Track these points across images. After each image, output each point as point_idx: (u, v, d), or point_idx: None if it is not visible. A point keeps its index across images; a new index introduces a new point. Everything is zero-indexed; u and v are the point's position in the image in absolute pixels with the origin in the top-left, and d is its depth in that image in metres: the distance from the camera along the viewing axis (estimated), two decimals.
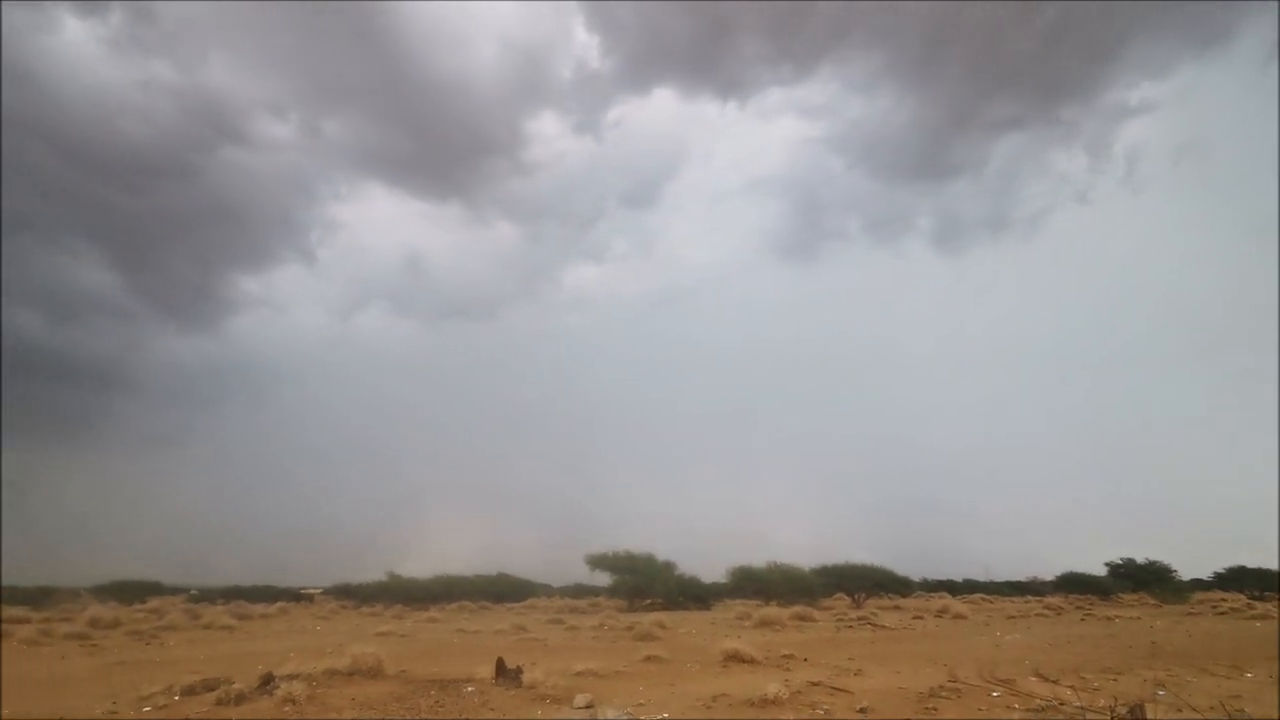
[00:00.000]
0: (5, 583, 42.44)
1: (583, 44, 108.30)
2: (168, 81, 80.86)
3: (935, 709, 7.99)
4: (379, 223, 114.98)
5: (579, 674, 10.28)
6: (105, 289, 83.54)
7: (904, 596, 37.83)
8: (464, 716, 7.76)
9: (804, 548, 54.05)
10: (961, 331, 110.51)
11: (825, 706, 8.10)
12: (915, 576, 43.90)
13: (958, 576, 54.21)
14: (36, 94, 71.63)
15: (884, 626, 20.45)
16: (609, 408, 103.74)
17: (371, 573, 44.45)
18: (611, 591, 36.13)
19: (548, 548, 60.88)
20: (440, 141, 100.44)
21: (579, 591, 46.04)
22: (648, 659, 12.21)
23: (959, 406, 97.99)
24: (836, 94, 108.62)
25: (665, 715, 7.70)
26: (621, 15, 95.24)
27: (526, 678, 9.43)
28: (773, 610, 24.20)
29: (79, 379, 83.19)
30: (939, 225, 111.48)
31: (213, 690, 8.73)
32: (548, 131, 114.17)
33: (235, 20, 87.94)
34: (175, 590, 45.68)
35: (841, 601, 34.54)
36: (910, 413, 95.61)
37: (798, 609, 24.65)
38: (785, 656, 12.56)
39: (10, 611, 25.42)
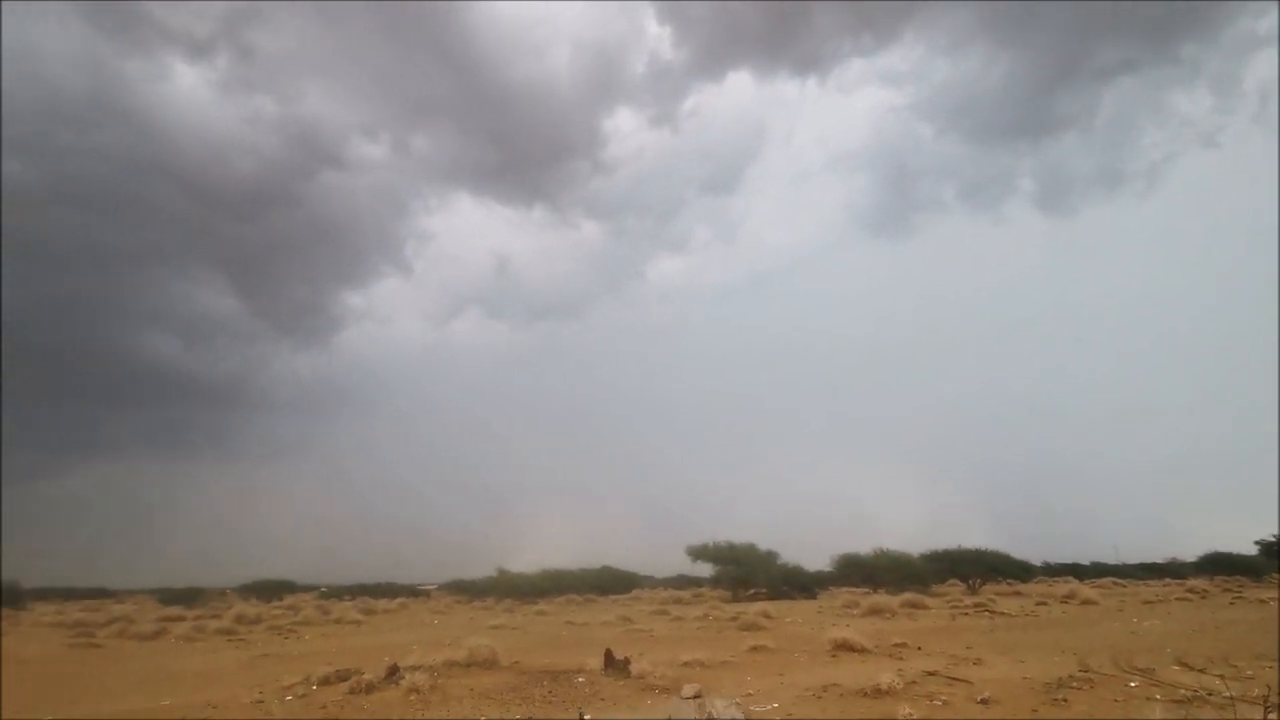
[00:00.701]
0: (160, 584, 47.18)
1: (655, 37, 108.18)
2: (270, 115, 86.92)
3: (1065, 699, 7.52)
4: (468, 231, 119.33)
5: (686, 664, 10.34)
6: (229, 313, 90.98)
7: (1024, 582, 35.81)
8: (576, 706, 7.96)
9: (912, 533, 52.22)
10: (1074, 295, 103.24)
11: (943, 697, 7.79)
12: (1035, 560, 41.49)
13: (1083, 559, 50.88)
14: (158, 138, 78.68)
15: (1003, 613, 19.46)
16: (701, 398, 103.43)
17: (481, 569, 46.41)
18: (714, 582, 36.16)
19: (649, 540, 61.62)
20: (522, 148, 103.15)
21: (681, 582, 46.33)
22: (754, 649, 12.14)
23: (1077, 377, 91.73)
24: (922, 58, 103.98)
25: (775, 705, 7.63)
26: (692, 5, 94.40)
27: (635, 668, 9.57)
28: (881, 598, 23.52)
29: (212, 397, 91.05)
30: (1044, 185, 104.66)
31: (345, 680, 9.33)
32: (625, 128, 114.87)
33: (326, 51, 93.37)
34: (307, 588, 49.26)
35: (955, 588, 33.12)
36: (1023, 388, 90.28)
37: (908, 596, 23.84)
38: (897, 645, 12.17)
39: (166, 611, 28.17)
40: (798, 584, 32.86)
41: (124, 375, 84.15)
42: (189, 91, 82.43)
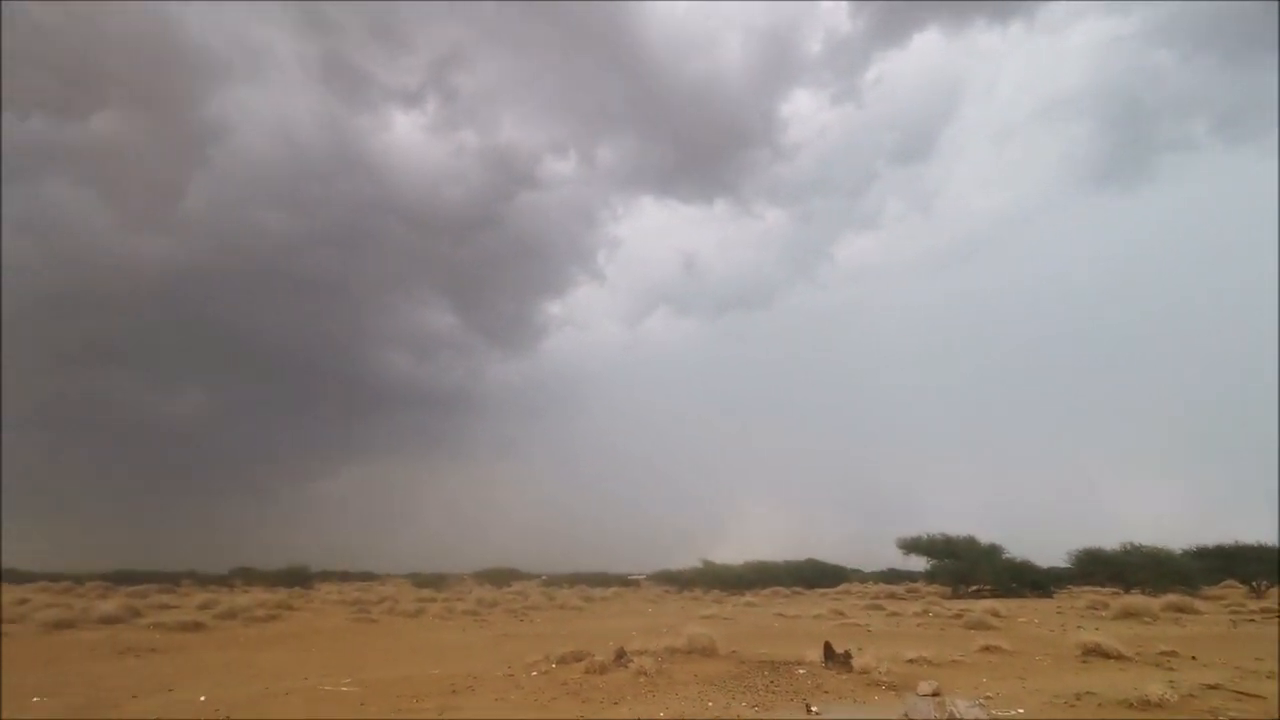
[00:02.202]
0: (411, 569, 53.98)
1: (829, 11, 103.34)
2: (473, 147, 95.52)
3: None
4: (653, 233, 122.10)
5: (911, 661, 9.93)
6: (449, 329, 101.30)
7: None
8: (800, 697, 7.99)
9: (1171, 527, 45.00)
10: None
11: (1229, 713, 6.78)
12: None
13: None
14: (384, 180, 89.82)
15: None
16: (903, 380, 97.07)
17: (684, 560, 47.64)
18: (930, 576, 34.13)
19: (855, 532, 59.20)
20: (699, 145, 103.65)
21: (892, 576, 44.22)
22: (986, 649, 11.34)
23: None
24: None
25: (1020, 711, 7.10)
26: None
27: (857, 663, 9.39)
28: (1136, 599, 20.70)
29: (440, 405, 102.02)
30: None
31: (580, 661, 10.16)
32: (804, 110, 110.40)
33: (516, 82, 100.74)
34: (530, 575, 53.77)
35: (1234, 590, 28.30)
36: None
37: (1171, 598, 20.74)
38: (1165, 654, 10.71)
39: (420, 593, 32.17)
40: (1028, 581, 29.92)
41: (370, 389, 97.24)
42: (406, 135, 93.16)
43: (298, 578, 42.28)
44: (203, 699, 8.46)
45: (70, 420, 79.53)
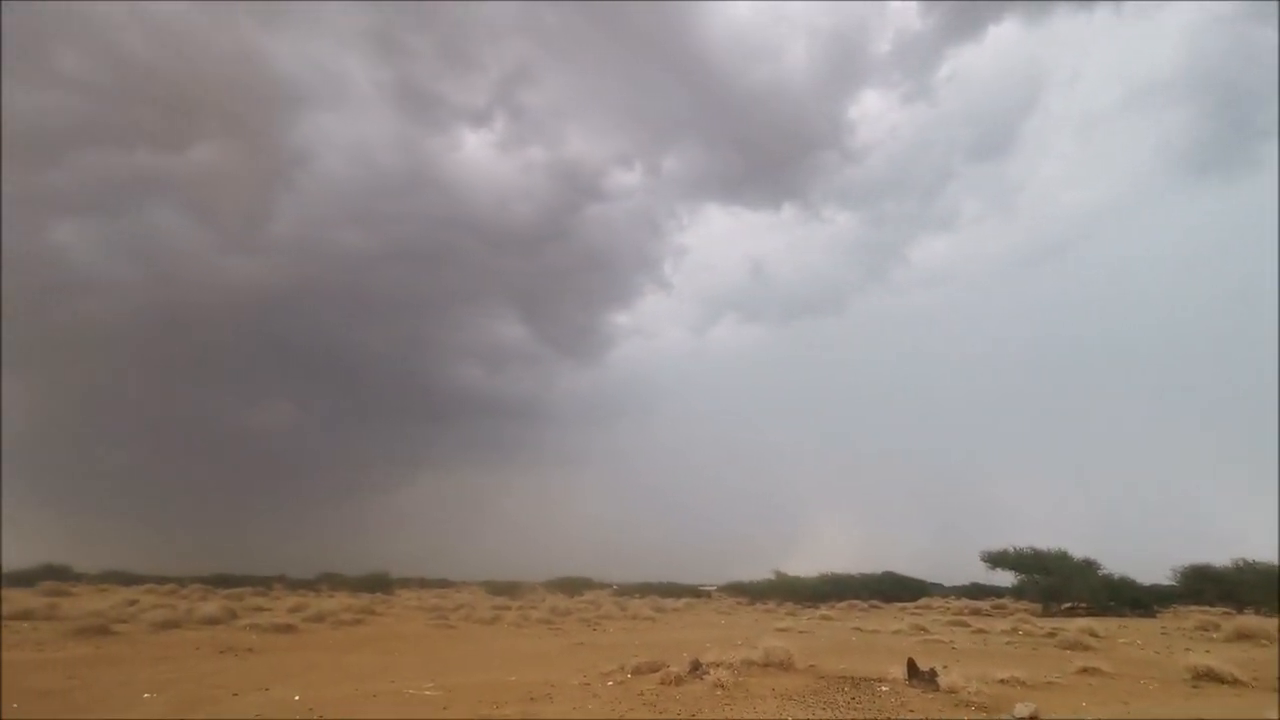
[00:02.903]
0: (486, 576, 55.11)
1: (897, 10, 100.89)
2: (540, 162, 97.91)
3: None
4: (720, 240, 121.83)
5: (1002, 681, 9.46)
6: (520, 341, 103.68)
7: None
8: (885, 716, 7.74)
9: None
10: None
11: None
12: None
13: None
14: (456, 197, 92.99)
15: None
16: (983, 386, 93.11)
17: (756, 571, 46.93)
18: (1017, 593, 32.56)
19: (934, 544, 57.05)
20: (765, 151, 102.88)
21: (975, 592, 42.33)
22: (1084, 671, 10.71)
23: None
24: None
25: None
26: None
27: (943, 681, 9.01)
28: (1251, 620, 19.15)
29: (511, 415, 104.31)
30: None
31: (655, 671, 10.12)
32: (873, 111, 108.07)
33: (582, 96, 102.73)
34: (601, 584, 54.03)
35: None
36: None
37: None
38: None
39: (494, 600, 32.79)
40: (1127, 599, 28.06)
41: (444, 400, 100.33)
42: (475, 153, 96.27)
43: (379, 583, 43.78)
44: (297, 698, 8.86)
45: (171, 431, 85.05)
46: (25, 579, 35.69)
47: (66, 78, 69.43)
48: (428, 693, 9.27)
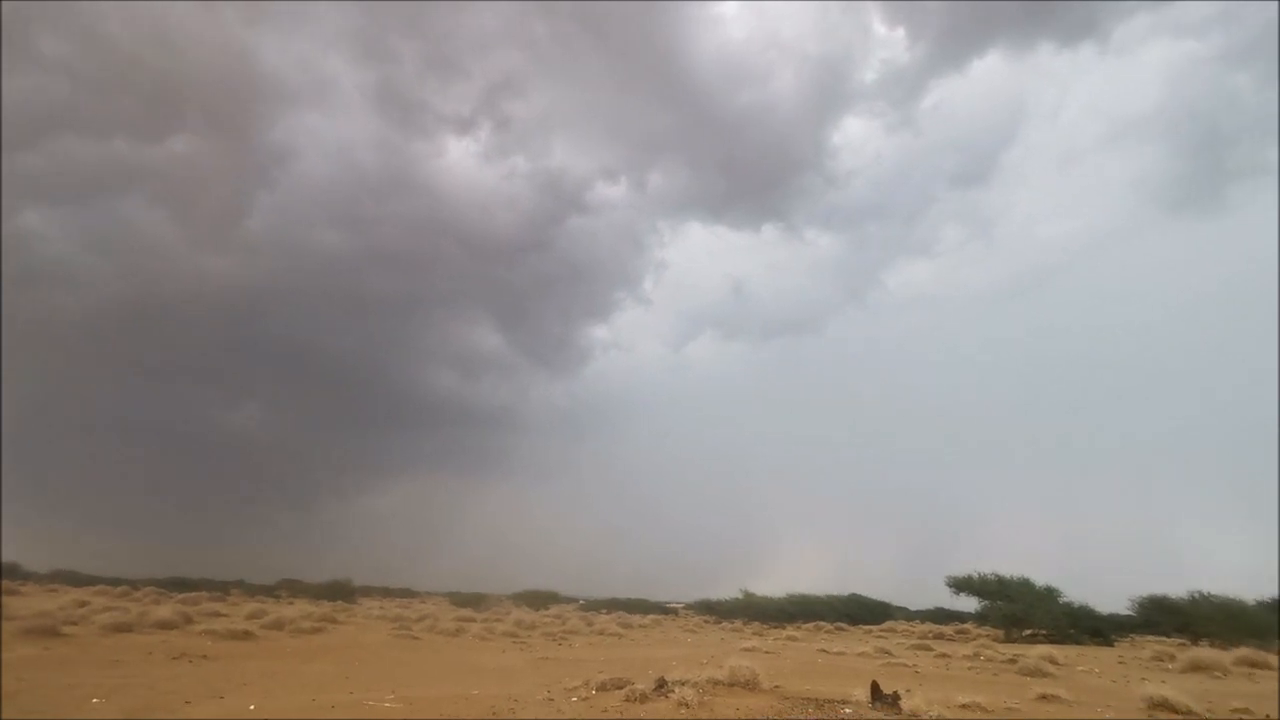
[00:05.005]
0: (450, 588, 54.33)
1: (883, 41, 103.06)
2: (523, 171, 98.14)
3: None
4: (701, 258, 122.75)
5: (964, 706, 9.56)
6: (496, 350, 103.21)
7: None
8: None
9: (1243, 575, 42.39)
10: None
11: None
12: None
13: None
14: (437, 203, 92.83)
15: None
16: (956, 413, 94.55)
17: (724, 590, 46.89)
18: (980, 618, 32.95)
19: (900, 568, 57.54)
20: (749, 173, 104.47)
21: (940, 616, 42.81)
22: (1043, 698, 10.86)
23: None
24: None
25: None
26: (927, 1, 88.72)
27: (906, 705, 9.07)
28: (1206, 651, 19.62)
29: (484, 424, 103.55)
30: None
31: (620, 688, 10.04)
32: (856, 138, 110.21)
33: (568, 108, 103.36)
34: (568, 599, 53.57)
35: None
36: None
37: (1243, 652, 19.53)
38: (1238, 711, 10.10)
39: (459, 611, 32.31)
40: (1087, 627, 28.52)
41: (416, 405, 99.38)
42: (459, 160, 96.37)
43: (341, 591, 43.00)
44: (252, 708, 8.64)
45: (130, 429, 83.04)
46: None
47: (45, 60, 68.25)
48: (388, 705, 9.10)
